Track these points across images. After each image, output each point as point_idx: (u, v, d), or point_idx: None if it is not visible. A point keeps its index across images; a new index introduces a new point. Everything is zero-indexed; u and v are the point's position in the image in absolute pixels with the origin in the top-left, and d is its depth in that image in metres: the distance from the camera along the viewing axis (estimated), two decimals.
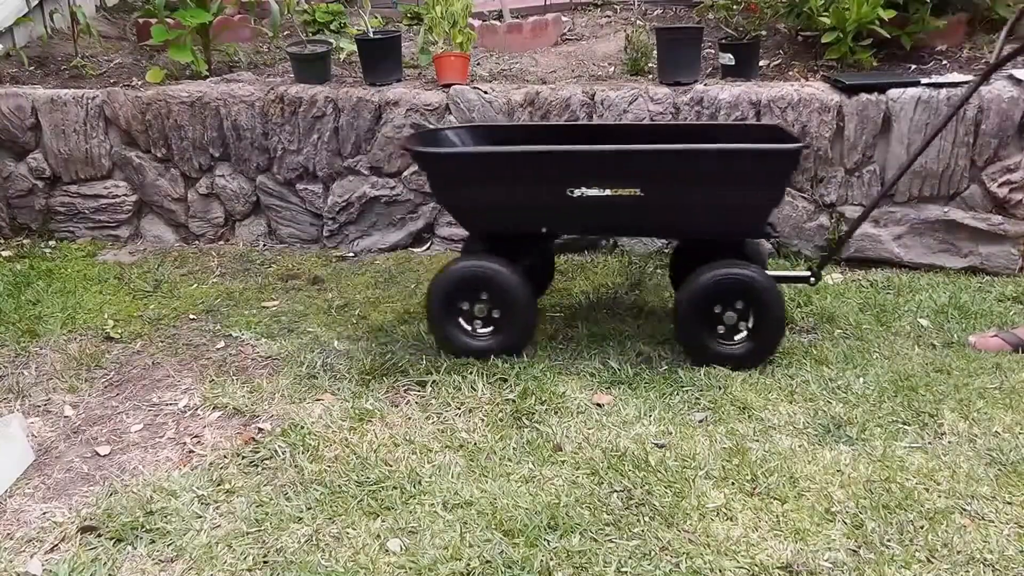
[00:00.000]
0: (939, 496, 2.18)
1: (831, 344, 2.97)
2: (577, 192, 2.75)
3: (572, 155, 2.82)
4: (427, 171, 3.05)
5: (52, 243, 4.16)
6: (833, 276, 3.53)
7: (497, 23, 4.63)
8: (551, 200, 2.79)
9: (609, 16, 4.94)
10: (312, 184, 4.06)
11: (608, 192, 2.73)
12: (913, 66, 3.83)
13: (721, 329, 2.79)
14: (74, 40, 4.72)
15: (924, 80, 3.53)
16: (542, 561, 1.96)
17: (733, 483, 2.24)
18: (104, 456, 2.47)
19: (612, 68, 4.17)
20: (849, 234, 3.07)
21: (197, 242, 4.19)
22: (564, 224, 2.99)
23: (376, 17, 4.72)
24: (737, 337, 2.80)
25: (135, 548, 2.06)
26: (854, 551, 1.99)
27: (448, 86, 3.87)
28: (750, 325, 2.78)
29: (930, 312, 3.18)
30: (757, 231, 2.91)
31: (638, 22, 4.68)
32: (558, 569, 1.95)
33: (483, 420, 2.55)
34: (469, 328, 2.89)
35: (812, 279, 2.94)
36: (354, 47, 4.17)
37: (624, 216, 2.83)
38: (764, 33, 4.07)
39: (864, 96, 3.53)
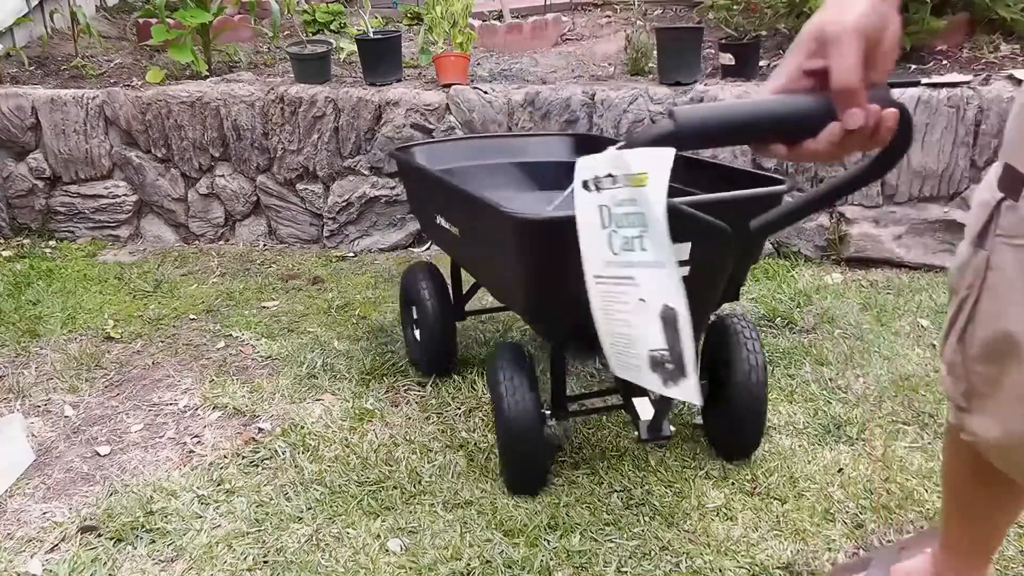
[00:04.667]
0: (939, 496, 2.18)
1: (831, 344, 2.97)
2: (438, 219, 2.50)
3: (430, 180, 2.55)
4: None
5: (52, 243, 4.17)
6: (833, 276, 3.53)
7: (497, 23, 4.63)
8: (431, 221, 2.58)
9: (609, 16, 4.95)
10: (312, 184, 4.06)
11: (447, 225, 2.44)
12: (913, 66, 3.82)
13: None
14: (74, 40, 4.73)
15: (924, 80, 3.53)
16: (542, 561, 1.97)
17: (733, 483, 2.24)
18: (104, 456, 2.47)
19: (612, 68, 4.17)
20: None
21: (197, 242, 4.19)
22: (448, 250, 2.70)
23: (376, 17, 4.73)
24: None
25: (135, 548, 2.06)
26: (854, 551, 1.99)
27: (448, 86, 3.87)
28: None
29: (930, 312, 3.18)
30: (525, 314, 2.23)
31: (638, 22, 4.68)
32: (558, 569, 1.95)
33: (483, 420, 2.55)
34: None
35: None
36: (354, 47, 4.18)
37: (464, 254, 2.52)
38: (764, 33, 4.07)
39: None
